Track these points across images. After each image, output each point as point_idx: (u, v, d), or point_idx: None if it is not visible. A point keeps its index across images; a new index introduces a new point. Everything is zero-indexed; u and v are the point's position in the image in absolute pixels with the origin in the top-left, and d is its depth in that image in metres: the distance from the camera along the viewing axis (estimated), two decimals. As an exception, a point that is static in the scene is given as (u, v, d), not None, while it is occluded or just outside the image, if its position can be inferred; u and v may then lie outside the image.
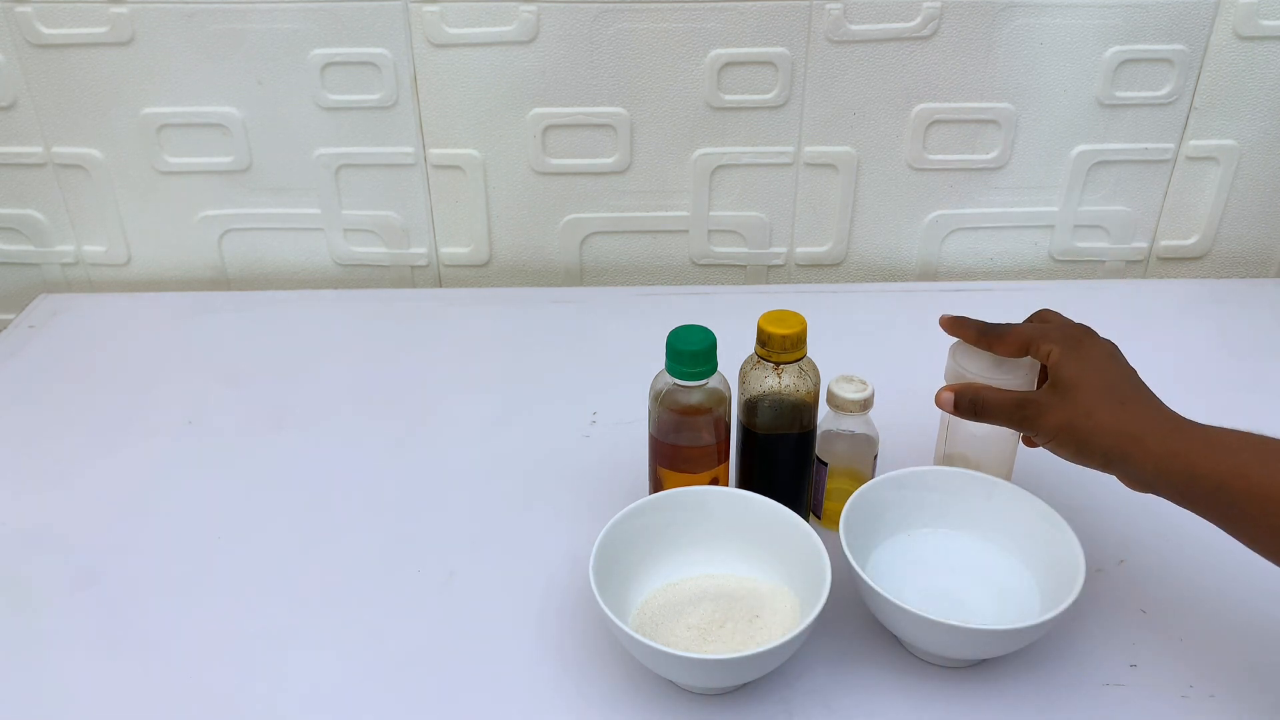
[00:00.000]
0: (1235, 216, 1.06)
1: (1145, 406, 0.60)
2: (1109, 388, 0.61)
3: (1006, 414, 0.63)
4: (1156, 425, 0.58)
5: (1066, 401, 0.61)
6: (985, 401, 0.64)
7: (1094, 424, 0.59)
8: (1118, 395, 0.60)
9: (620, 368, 0.88)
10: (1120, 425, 0.59)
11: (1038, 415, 0.62)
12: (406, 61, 0.97)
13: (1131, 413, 0.59)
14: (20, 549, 0.75)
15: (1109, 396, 0.60)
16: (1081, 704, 0.62)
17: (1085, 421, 0.60)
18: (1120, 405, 0.60)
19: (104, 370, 0.95)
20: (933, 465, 0.76)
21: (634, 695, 0.63)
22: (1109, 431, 0.59)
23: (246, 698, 0.63)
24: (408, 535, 0.76)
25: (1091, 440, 0.59)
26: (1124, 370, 0.63)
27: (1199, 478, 0.56)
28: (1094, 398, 0.60)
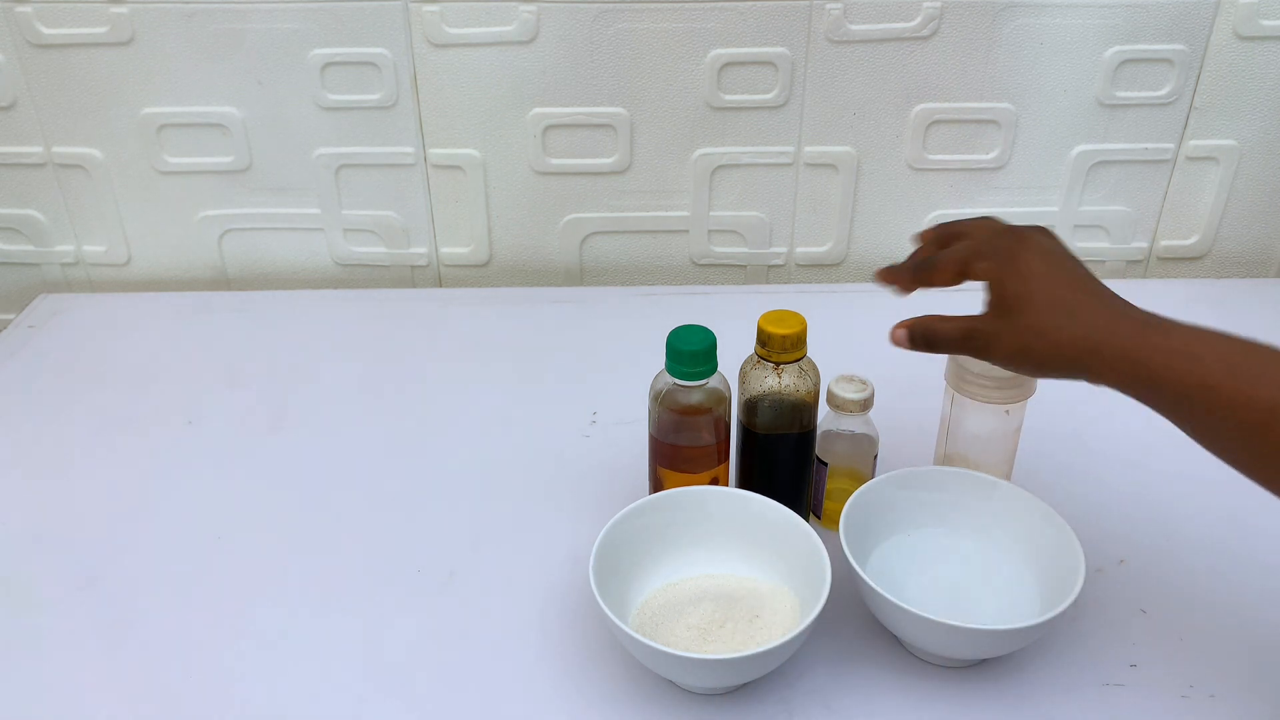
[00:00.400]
0: (1235, 216, 1.06)
1: (1097, 311, 0.56)
2: (1055, 300, 0.57)
3: (957, 344, 0.60)
4: (1112, 332, 0.55)
5: (1014, 324, 0.57)
6: (935, 332, 0.60)
7: (1047, 343, 0.56)
8: (1066, 306, 0.57)
9: (620, 368, 0.88)
10: (1074, 338, 0.55)
11: (987, 345, 0.58)
12: (406, 61, 0.97)
13: (1084, 322, 0.56)
14: (20, 549, 0.75)
15: (1057, 309, 0.57)
16: (1081, 704, 0.62)
17: (1038, 342, 0.56)
18: (1070, 317, 0.56)
19: (104, 370, 0.95)
20: (933, 465, 0.76)
21: (634, 695, 0.63)
22: (1064, 346, 0.56)
23: (246, 697, 0.63)
24: (408, 535, 0.76)
25: (1048, 360, 0.56)
26: (1067, 272, 0.59)
27: (1162, 387, 0.53)
28: (1042, 314, 0.57)
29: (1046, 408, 0.75)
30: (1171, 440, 0.82)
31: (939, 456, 0.75)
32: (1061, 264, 0.59)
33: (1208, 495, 0.77)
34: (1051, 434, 0.82)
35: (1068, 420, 0.84)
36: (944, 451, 0.74)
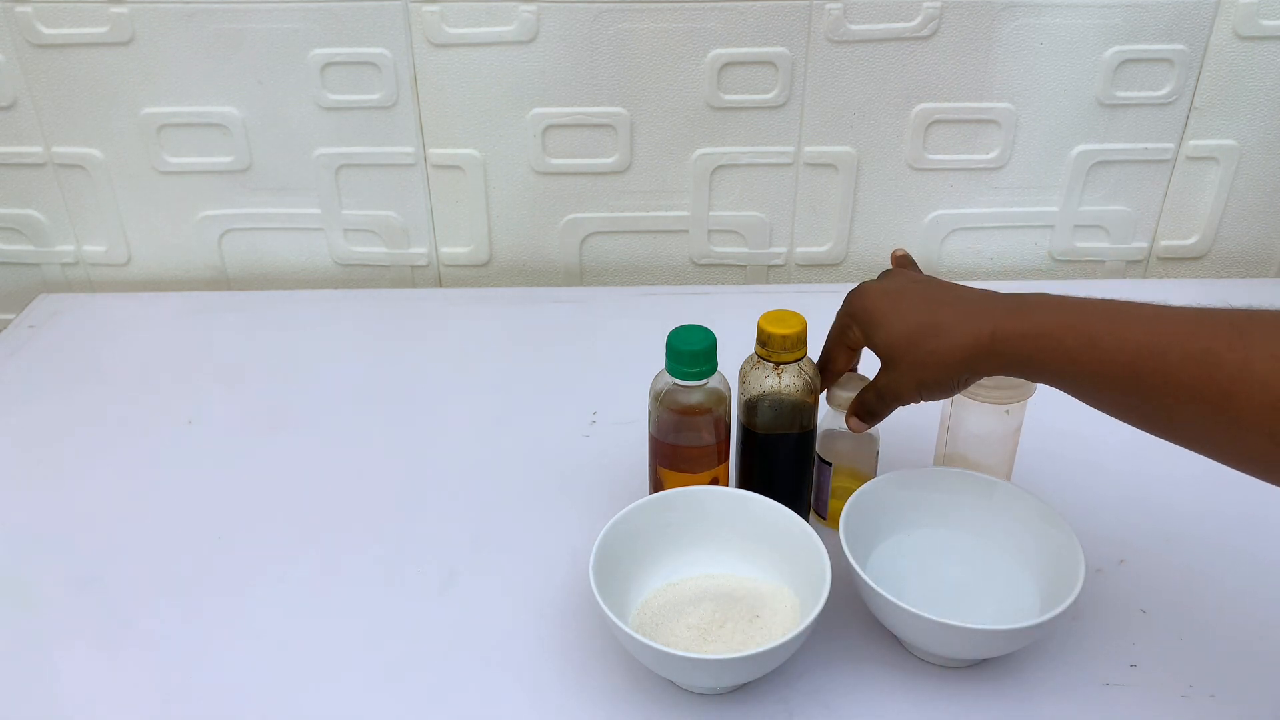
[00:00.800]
0: (1235, 216, 1.06)
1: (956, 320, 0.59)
2: (916, 329, 0.60)
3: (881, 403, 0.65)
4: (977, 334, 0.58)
5: (901, 369, 0.61)
6: (868, 405, 0.66)
7: (934, 369, 0.60)
8: (928, 330, 0.60)
9: (620, 368, 0.88)
10: (950, 353, 0.59)
11: (896, 394, 0.63)
12: (406, 61, 0.97)
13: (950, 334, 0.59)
14: (20, 549, 0.75)
15: (923, 337, 0.60)
16: (1081, 704, 0.62)
17: (926, 373, 0.60)
18: (935, 335, 0.59)
19: (104, 370, 0.95)
20: (933, 465, 0.76)
21: (634, 695, 0.63)
22: (947, 366, 0.59)
23: (246, 697, 0.63)
24: (408, 535, 0.76)
25: (942, 380, 0.60)
26: (914, 297, 0.62)
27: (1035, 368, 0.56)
28: (914, 348, 0.60)
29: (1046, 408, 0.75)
30: (1171, 440, 0.83)
31: (939, 457, 0.75)
32: (905, 294, 0.63)
33: (1208, 495, 0.77)
34: (1051, 434, 0.81)
35: (1068, 420, 0.84)
36: (944, 452, 0.74)
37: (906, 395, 0.62)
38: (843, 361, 0.68)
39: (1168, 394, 0.50)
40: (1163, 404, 0.51)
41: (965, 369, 0.59)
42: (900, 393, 0.63)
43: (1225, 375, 0.48)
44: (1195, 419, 0.50)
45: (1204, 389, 0.49)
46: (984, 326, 0.58)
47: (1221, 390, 0.48)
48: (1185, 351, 0.50)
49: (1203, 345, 0.49)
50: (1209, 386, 0.49)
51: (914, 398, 0.62)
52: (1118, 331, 0.53)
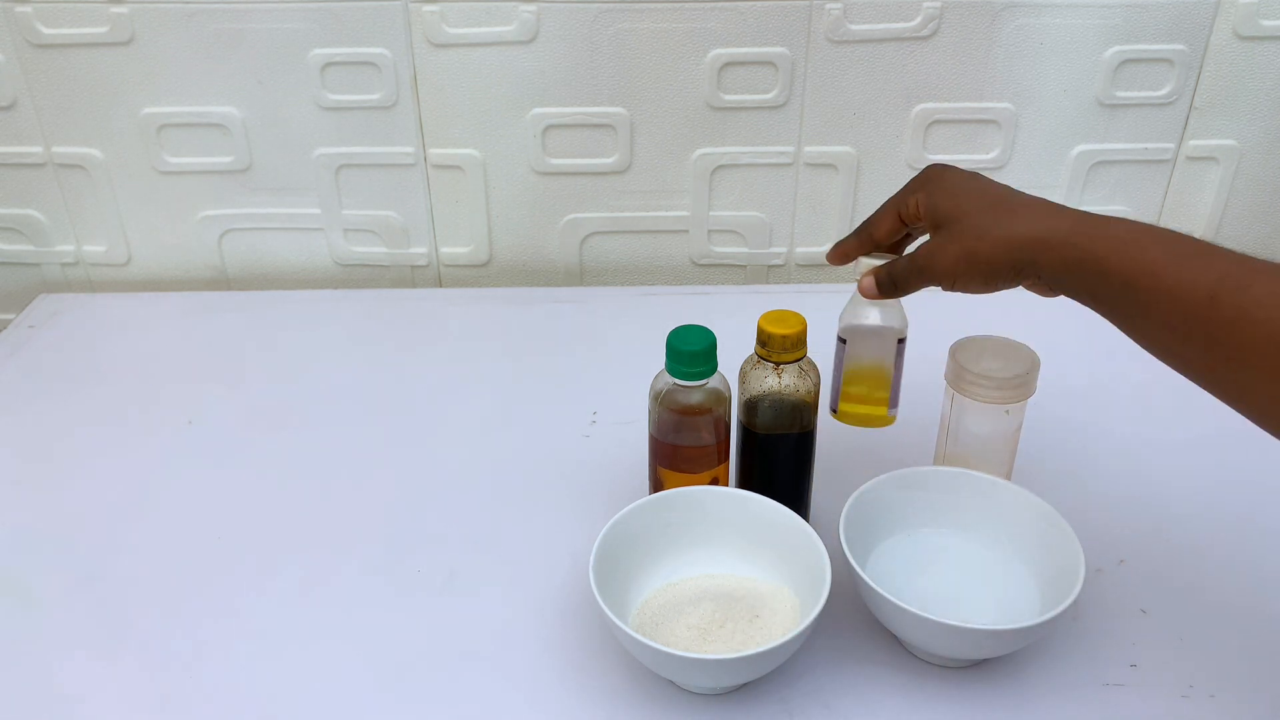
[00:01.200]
0: (1235, 216, 1.06)
1: (1034, 209, 0.57)
2: (990, 204, 0.58)
3: (909, 274, 0.61)
4: (1054, 225, 0.55)
5: (954, 234, 0.58)
6: (894, 271, 0.62)
7: (990, 243, 0.57)
8: (1004, 206, 0.58)
9: (620, 368, 0.88)
10: (1017, 233, 0.56)
11: (930, 261, 0.59)
12: (406, 61, 0.97)
13: (1025, 218, 0.56)
14: (20, 549, 0.75)
15: (994, 210, 0.57)
16: (1081, 704, 0.62)
17: (980, 244, 0.57)
18: (1010, 214, 0.57)
19: (104, 370, 0.95)
20: (933, 465, 0.76)
21: (634, 695, 0.63)
22: (1008, 243, 0.56)
23: (246, 697, 0.63)
24: (408, 535, 0.76)
25: (994, 259, 0.57)
26: (995, 185, 0.60)
27: (1108, 275, 0.53)
28: (979, 218, 0.57)
29: (1047, 408, 0.75)
30: (1171, 440, 0.83)
31: (939, 457, 0.75)
32: (986, 181, 0.60)
33: (1208, 495, 0.77)
34: (1051, 434, 0.82)
35: (1068, 420, 0.84)
36: (944, 452, 0.74)
37: (945, 268, 0.58)
38: (884, 229, 0.64)
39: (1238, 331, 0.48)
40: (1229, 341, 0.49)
41: (1029, 251, 0.55)
42: (940, 262, 0.58)
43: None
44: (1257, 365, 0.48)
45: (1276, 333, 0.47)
46: (1063, 220, 0.55)
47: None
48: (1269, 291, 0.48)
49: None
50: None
51: (950, 275, 0.58)
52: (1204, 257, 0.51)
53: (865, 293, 0.64)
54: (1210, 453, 0.82)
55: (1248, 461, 0.80)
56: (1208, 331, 0.50)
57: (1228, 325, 0.49)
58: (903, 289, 0.63)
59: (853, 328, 0.69)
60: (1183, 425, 0.84)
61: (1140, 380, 0.89)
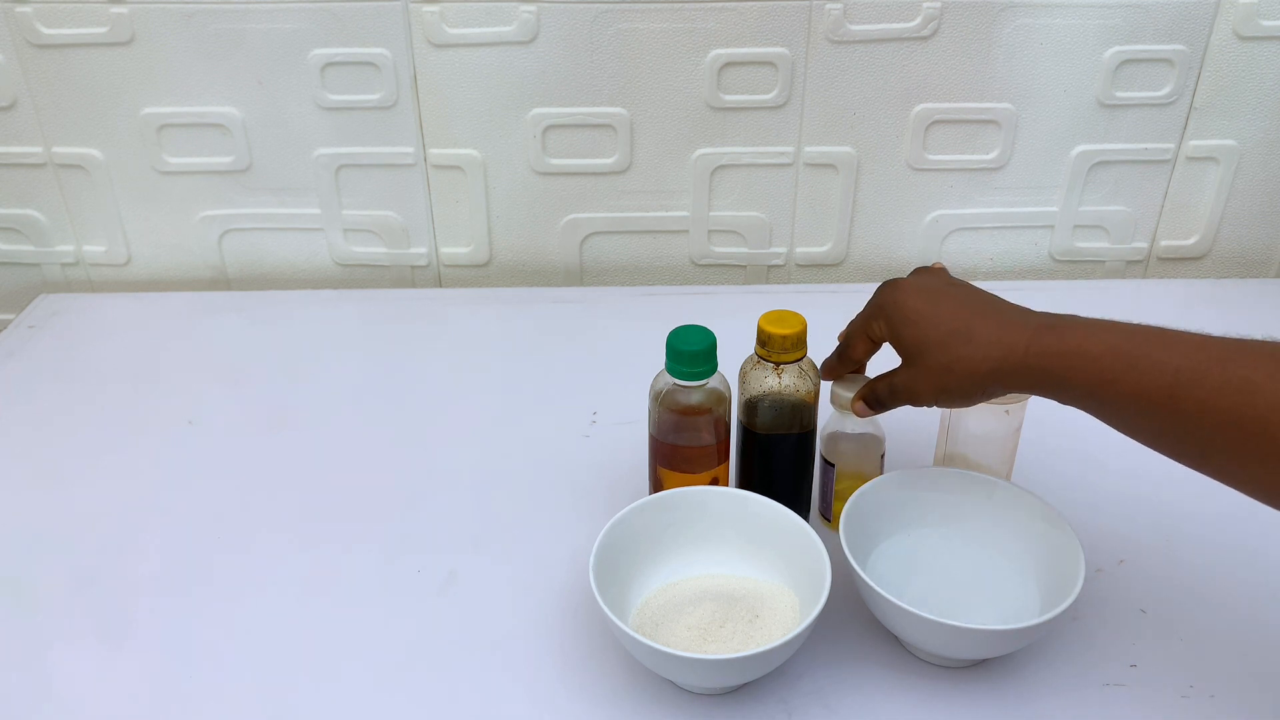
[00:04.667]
0: (1235, 216, 1.06)
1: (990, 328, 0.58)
2: (948, 332, 0.59)
3: (893, 398, 0.63)
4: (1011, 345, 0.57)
5: (923, 368, 0.60)
6: (879, 394, 0.64)
7: (956, 376, 0.58)
8: (960, 334, 0.59)
9: (620, 368, 0.87)
10: (976, 364, 0.57)
11: (912, 393, 0.61)
12: (406, 61, 0.97)
13: (981, 343, 0.58)
14: (20, 549, 0.75)
15: (953, 340, 0.59)
16: (1081, 704, 0.62)
17: (948, 377, 0.59)
18: (967, 343, 0.58)
19: (104, 370, 0.95)
20: (933, 465, 0.76)
21: (634, 695, 0.63)
22: (971, 375, 0.58)
23: (246, 697, 0.63)
24: (408, 535, 0.76)
25: (966, 387, 0.59)
26: (950, 301, 0.61)
27: (1068, 389, 0.55)
28: (941, 350, 0.59)
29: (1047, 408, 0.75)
30: (1171, 440, 0.82)
31: (939, 457, 0.75)
32: (942, 296, 0.61)
33: (1208, 495, 0.76)
34: (1051, 434, 0.81)
35: (1068, 420, 0.84)
36: (944, 452, 0.74)
37: (923, 396, 0.61)
38: (860, 351, 0.66)
39: (1204, 421, 0.50)
40: (1198, 432, 0.50)
41: (993, 380, 0.58)
42: (917, 393, 0.61)
43: (1264, 405, 0.48)
44: (1230, 449, 0.50)
45: (1241, 418, 0.48)
46: (1019, 339, 0.56)
47: (1259, 420, 0.48)
48: (1224, 378, 0.49)
49: (1242, 374, 0.49)
50: (1246, 416, 0.48)
51: (929, 401, 0.61)
52: (1156, 355, 0.52)
53: (860, 414, 0.67)
54: (1210, 453, 0.81)
55: (1248, 461, 0.80)
56: (1174, 425, 0.52)
57: (1192, 418, 0.50)
58: (888, 408, 0.65)
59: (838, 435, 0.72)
60: (1183, 425, 0.84)
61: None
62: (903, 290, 0.62)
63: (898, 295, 0.62)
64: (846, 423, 0.71)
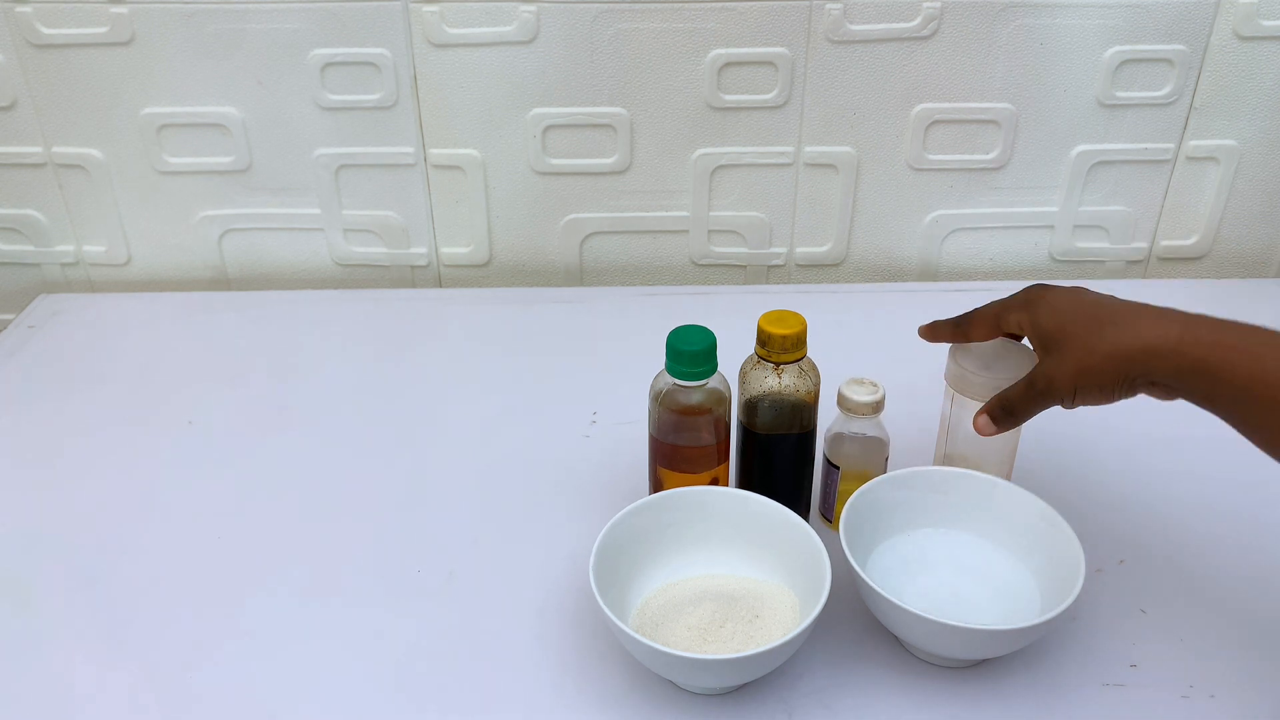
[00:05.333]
0: (1235, 216, 1.06)
1: (1140, 318, 0.57)
2: (1094, 319, 0.58)
3: (1028, 399, 0.61)
4: (1163, 333, 0.56)
5: (1064, 353, 0.59)
6: (1010, 401, 0.63)
7: (1100, 357, 0.57)
8: (1108, 320, 0.58)
9: (620, 368, 0.88)
10: (1124, 346, 0.56)
11: (1048, 384, 0.60)
12: (406, 61, 0.97)
13: (1130, 329, 0.57)
14: (20, 549, 0.75)
15: (1099, 325, 0.58)
16: (1081, 704, 0.62)
17: (1091, 359, 0.57)
18: (1115, 327, 0.57)
19: (104, 370, 0.95)
20: (933, 465, 0.76)
21: (634, 695, 0.63)
22: (1117, 357, 0.56)
23: (246, 697, 0.63)
24: (408, 535, 0.76)
25: (1106, 372, 0.57)
26: (1096, 297, 0.61)
27: (1221, 383, 0.53)
28: (1086, 335, 0.58)
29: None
30: (1172, 440, 0.83)
31: (939, 456, 0.75)
32: (1086, 294, 0.61)
33: (1208, 495, 0.77)
34: (1051, 434, 0.82)
35: (1068, 420, 0.84)
36: (944, 451, 0.74)
37: (1060, 386, 0.59)
38: (982, 332, 0.65)
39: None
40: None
41: (1139, 364, 0.56)
42: (1054, 382, 0.59)
43: None
44: None
45: None
46: (1171, 328, 0.55)
47: None
48: None
49: None
50: None
51: (1067, 391, 0.59)
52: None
53: (981, 431, 0.64)
54: (1210, 453, 0.81)
55: (1248, 461, 0.80)
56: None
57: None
58: (1021, 417, 0.63)
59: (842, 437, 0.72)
60: (1183, 425, 0.84)
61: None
62: (1048, 288, 0.63)
63: (1045, 291, 0.62)
64: (852, 424, 0.71)
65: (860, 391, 0.70)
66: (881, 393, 0.70)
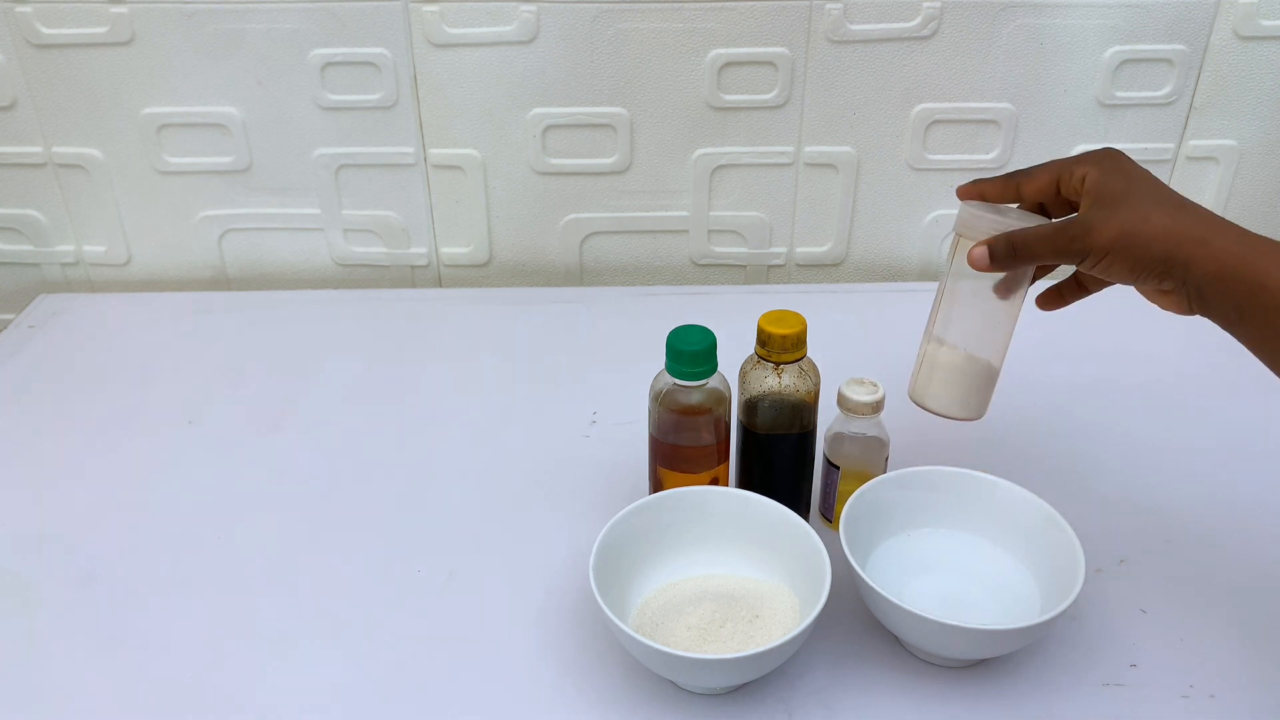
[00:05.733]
0: (1235, 216, 1.04)
1: (1204, 213, 0.56)
2: (1160, 193, 0.56)
3: (1049, 244, 0.57)
4: (1219, 229, 0.54)
5: (1117, 212, 0.55)
6: (1023, 239, 0.58)
7: (1152, 228, 0.54)
8: (1172, 199, 0.56)
9: (620, 368, 0.88)
10: (1181, 227, 0.54)
11: (1085, 234, 0.56)
12: (406, 61, 0.97)
13: (1191, 215, 0.55)
14: (20, 549, 0.75)
15: (1163, 200, 0.56)
16: (1081, 704, 0.62)
17: (1143, 226, 0.55)
18: (1178, 208, 0.55)
19: (104, 370, 0.95)
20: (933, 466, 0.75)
21: (634, 695, 0.63)
22: (1169, 234, 0.54)
23: (246, 697, 0.63)
24: (408, 535, 0.76)
25: (1151, 245, 0.54)
26: (1167, 185, 0.58)
27: (1262, 290, 0.52)
28: (1147, 202, 0.56)
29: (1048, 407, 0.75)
30: (1171, 441, 0.83)
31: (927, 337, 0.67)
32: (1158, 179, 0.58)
33: (1208, 495, 0.77)
34: (1052, 434, 0.82)
35: (1068, 420, 0.84)
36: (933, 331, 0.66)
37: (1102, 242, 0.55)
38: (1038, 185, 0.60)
39: None
40: None
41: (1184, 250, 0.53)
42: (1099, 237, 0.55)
43: None
44: None
45: None
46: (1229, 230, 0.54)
47: None
48: None
49: None
50: None
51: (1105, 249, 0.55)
52: None
53: (974, 262, 0.59)
54: (1210, 452, 0.82)
55: (1248, 461, 0.81)
56: None
57: None
58: (1025, 260, 0.58)
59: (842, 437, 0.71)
60: (1183, 425, 0.84)
61: (1141, 380, 0.89)
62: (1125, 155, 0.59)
63: (1120, 155, 0.59)
64: (852, 424, 0.71)
65: (860, 391, 0.70)
66: (881, 393, 0.70)
